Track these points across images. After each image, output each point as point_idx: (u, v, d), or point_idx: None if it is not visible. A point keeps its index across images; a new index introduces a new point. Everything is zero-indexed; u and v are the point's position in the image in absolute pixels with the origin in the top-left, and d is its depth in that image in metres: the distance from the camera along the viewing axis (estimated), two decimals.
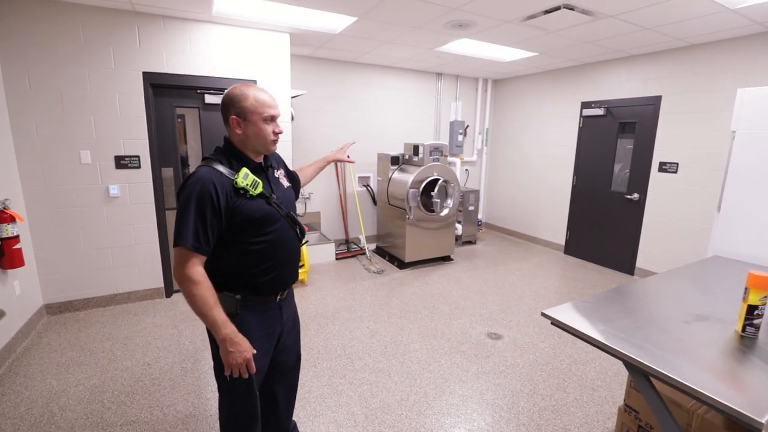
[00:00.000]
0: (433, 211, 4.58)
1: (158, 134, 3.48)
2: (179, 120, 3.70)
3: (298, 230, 1.50)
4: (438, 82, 5.81)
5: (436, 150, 4.55)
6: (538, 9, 3.06)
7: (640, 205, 4.46)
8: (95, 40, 3.09)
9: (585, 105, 4.94)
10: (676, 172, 4.10)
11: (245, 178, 1.30)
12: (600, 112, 4.72)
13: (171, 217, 3.67)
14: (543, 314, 1.68)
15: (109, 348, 2.87)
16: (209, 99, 3.60)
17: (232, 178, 1.29)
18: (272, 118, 1.35)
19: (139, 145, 3.37)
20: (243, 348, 1.27)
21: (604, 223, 4.89)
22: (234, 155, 1.37)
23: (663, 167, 4.20)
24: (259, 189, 1.34)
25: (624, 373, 2.68)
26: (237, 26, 3.54)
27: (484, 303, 3.81)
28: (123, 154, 3.32)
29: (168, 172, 3.62)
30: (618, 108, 4.60)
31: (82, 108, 3.13)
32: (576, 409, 2.34)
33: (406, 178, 4.48)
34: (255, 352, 1.32)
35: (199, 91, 3.56)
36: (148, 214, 3.51)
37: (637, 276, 4.56)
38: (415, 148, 4.60)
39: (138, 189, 3.43)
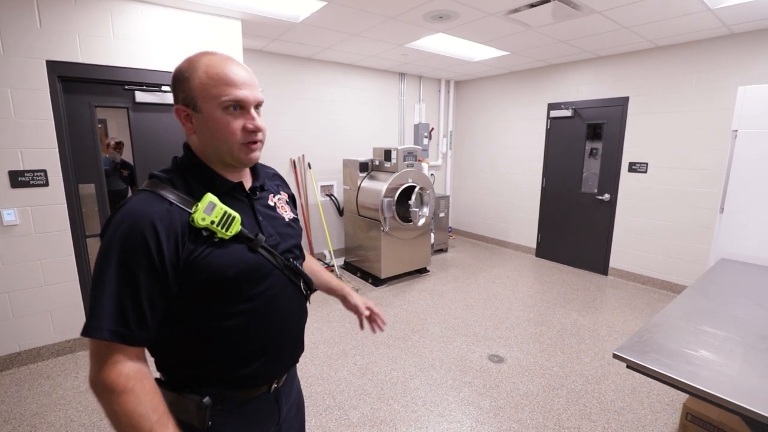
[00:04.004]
0: (410, 221, 4.20)
1: (73, 141, 2.71)
2: (100, 126, 2.95)
3: (302, 285, 0.98)
4: (401, 83, 5.47)
5: (410, 155, 4.19)
6: (525, 2, 2.83)
7: (612, 205, 4.47)
8: None
9: (552, 106, 4.89)
10: (645, 171, 4.14)
11: (209, 211, 0.79)
12: (568, 113, 4.69)
13: (94, 245, 2.90)
14: (616, 356, 1.37)
15: None
16: (141, 97, 2.90)
17: (188, 211, 0.79)
18: (239, 105, 0.81)
19: (46, 157, 2.58)
20: None
21: (576, 225, 4.86)
22: (195, 172, 0.86)
23: (633, 167, 4.23)
24: (236, 228, 0.83)
25: (642, 390, 2.50)
26: (177, 8, 2.88)
27: (475, 319, 3.50)
28: (21, 168, 2.51)
29: (88, 189, 2.84)
30: (586, 109, 4.59)
31: None
32: None
33: (379, 186, 4.06)
34: None
35: (127, 88, 2.84)
36: (63, 244, 2.71)
37: (611, 276, 4.57)
38: (387, 153, 4.20)
39: (46, 213, 2.63)
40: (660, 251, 4.12)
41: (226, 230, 0.81)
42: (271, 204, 0.98)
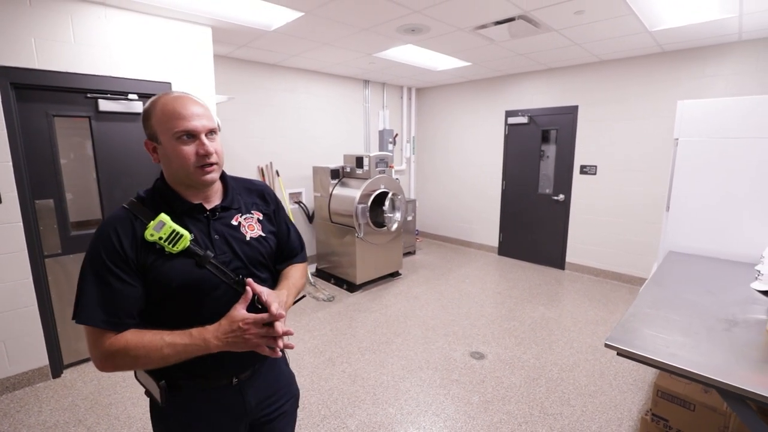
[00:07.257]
0: (383, 226, 4.28)
1: (29, 154, 2.48)
2: None
3: (256, 300, 1.00)
4: (365, 89, 5.55)
5: (382, 161, 4.27)
6: (493, 18, 3.03)
7: (566, 205, 4.86)
8: None
9: (510, 114, 5.21)
10: (595, 174, 4.55)
11: (158, 228, 0.92)
12: (524, 120, 5.02)
13: (54, 266, 2.66)
14: (607, 345, 1.54)
15: None
16: (105, 105, 2.71)
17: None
18: (188, 134, 0.93)
19: None
20: (237, 326, 0.89)
21: (534, 224, 5.21)
22: (163, 194, 0.99)
23: (584, 170, 4.64)
24: (183, 244, 0.93)
25: (609, 373, 2.77)
26: (144, 13, 2.74)
27: (452, 319, 3.65)
28: None
29: (46, 205, 2.61)
30: (540, 116, 4.95)
31: None
32: (590, 423, 2.29)
33: (353, 192, 4.10)
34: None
35: (89, 96, 2.65)
36: (19, 265, 2.47)
37: (568, 270, 4.95)
38: (359, 160, 4.25)
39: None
40: (611, 246, 4.55)
41: (173, 246, 0.92)
42: (235, 223, 1.05)
